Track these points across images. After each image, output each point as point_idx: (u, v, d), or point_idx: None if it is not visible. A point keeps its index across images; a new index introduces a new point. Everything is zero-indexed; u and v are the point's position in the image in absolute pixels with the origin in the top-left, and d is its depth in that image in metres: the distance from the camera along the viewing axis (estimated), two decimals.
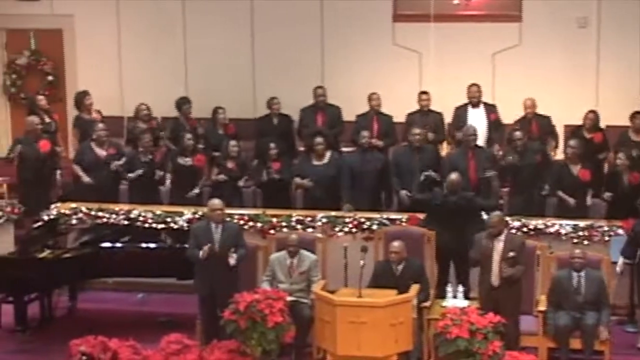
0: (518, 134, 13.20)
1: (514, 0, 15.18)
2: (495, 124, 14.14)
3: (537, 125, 13.90)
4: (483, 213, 11.72)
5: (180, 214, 12.91)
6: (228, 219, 11.77)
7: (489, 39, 15.12)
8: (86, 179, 13.64)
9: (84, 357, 9.84)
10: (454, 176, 12.00)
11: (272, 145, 13.59)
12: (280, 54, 15.71)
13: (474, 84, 14.21)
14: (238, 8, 15.81)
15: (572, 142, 12.94)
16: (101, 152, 13.73)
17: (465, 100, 14.24)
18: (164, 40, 16.12)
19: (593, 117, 13.78)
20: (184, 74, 16.07)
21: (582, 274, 10.97)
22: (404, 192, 13.05)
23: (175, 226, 12.81)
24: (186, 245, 11.37)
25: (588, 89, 14.91)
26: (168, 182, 13.66)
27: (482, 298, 10.87)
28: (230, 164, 13.59)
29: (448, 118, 14.39)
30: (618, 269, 11.57)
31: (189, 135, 13.80)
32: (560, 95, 14.74)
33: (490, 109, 14.23)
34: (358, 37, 15.46)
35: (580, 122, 13.86)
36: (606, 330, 10.81)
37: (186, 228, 12.51)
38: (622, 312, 11.95)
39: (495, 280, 10.86)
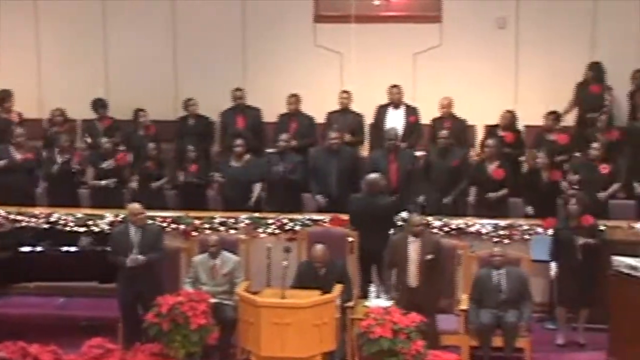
0: (444, 132, 13.30)
1: (434, 1, 15.27)
2: (413, 127, 14.18)
3: (450, 125, 13.94)
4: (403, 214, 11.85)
5: (102, 217, 12.80)
6: (150, 221, 11.73)
7: (410, 40, 15.17)
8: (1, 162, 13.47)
9: None
10: (372, 176, 12.07)
11: (190, 147, 13.57)
12: (202, 55, 15.60)
13: (394, 85, 14.27)
14: (159, 8, 15.68)
15: (489, 141, 13.09)
16: (18, 156, 13.55)
17: (387, 101, 14.31)
18: (84, 41, 15.92)
19: (509, 116, 13.93)
20: (104, 75, 15.90)
21: (502, 271, 11.12)
22: (319, 197, 13.07)
23: (97, 229, 12.70)
24: (108, 249, 11.30)
25: (507, 88, 15.02)
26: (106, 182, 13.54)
27: (400, 299, 10.92)
28: (149, 165, 13.54)
29: (369, 119, 14.45)
30: (552, 273, 11.66)
31: (105, 139, 13.74)
32: (480, 95, 14.84)
33: (411, 111, 14.27)
34: (279, 38, 15.43)
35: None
36: (527, 328, 10.96)
37: (107, 231, 12.43)
38: (541, 309, 12.12)
39: (413, 281, 10.94)
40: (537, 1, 14.90)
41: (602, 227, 11.87)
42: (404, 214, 12.03)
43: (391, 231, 11.54)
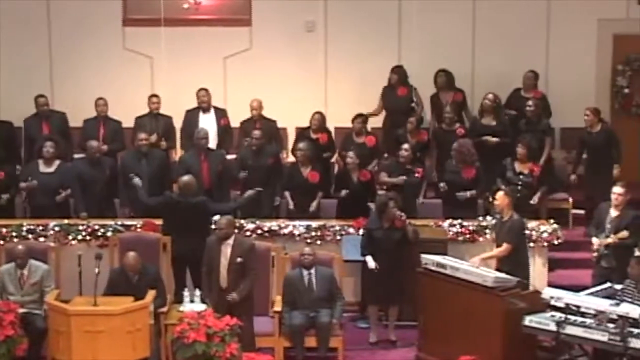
0: (257, 132, 13.32)
1: (244, 4, 15.32)
2: (225, 129, 14.21)
3: (260, 126, 13.99)
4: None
5: None
6: None
7: (220, 43, 15.20)
8: None
9: None
10: (186, 178, 12.04)
11: None
12: (5, 57, 15.18)
13: (202, 89, 14.24)
14: None
15: (301, 145, 13.20)
16: None
17: (196, 104, 14.26)
18: None
19: (319, 117, 14.06)
20: None
21: (313, 271, 11.26)
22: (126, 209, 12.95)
23: None
24: None
25: (317, 91, 15.24)
26: None
27: (213, 301, 10.92)
28: None
29: (180, 122, 14.35)
30: (372, 265, 11.74)
31: None
32: (290, 98, 14.99)
33: (221, 113, 14.29)
34: (87, 41, 15.16)
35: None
36: (339, 327, 11.11)
37: None
38: (354, 308, 12.32)
39: (223, 282, 10.96)
40: (345, 4, 15.13)
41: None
42: (216, 217, 12.04)
43: (203, 233, 11.54)
